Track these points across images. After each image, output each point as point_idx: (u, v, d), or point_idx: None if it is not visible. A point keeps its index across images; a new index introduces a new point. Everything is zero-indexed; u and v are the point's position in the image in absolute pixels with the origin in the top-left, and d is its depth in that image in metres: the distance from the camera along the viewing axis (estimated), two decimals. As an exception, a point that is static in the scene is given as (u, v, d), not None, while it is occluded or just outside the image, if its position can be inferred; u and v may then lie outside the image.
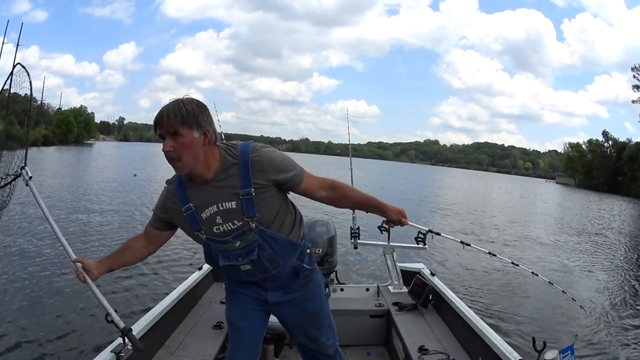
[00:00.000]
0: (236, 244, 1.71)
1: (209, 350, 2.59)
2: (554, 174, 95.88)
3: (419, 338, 2.77)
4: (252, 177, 1.65)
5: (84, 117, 66.73)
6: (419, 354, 2.60)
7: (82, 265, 1.92)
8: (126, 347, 2.07)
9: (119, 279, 6.70)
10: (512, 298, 6.72)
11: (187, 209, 1.71)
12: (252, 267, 1.77)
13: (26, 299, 5.80)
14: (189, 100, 1.61)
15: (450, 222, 15.67)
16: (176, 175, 1.73)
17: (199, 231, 1.73)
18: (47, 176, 18.70)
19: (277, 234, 1.74)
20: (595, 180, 59.85)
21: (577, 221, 20.08)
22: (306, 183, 1.78)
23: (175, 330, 2.80)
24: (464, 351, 2.64)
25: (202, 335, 2.79)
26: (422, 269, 3.73)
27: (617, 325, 6.06)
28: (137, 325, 2.38)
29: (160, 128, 1.57)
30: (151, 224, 1.89)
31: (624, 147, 58.19)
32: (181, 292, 3.04)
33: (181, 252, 8.57)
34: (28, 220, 11.70)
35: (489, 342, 2.39)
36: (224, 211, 1.68)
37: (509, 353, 2.22)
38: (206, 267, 3.72)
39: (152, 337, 2.46)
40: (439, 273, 3.95)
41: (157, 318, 2.58)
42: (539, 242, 13.01)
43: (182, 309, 3.02)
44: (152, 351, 2.47)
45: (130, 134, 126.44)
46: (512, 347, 2.28)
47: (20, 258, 7.81)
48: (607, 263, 10.91)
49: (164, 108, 1.57)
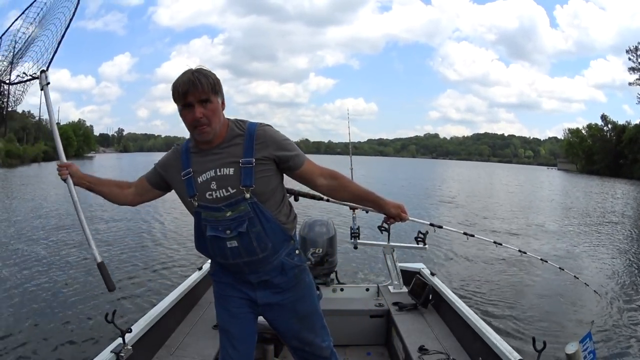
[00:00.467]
0: (227, 213, 1.69)
1: (209, 350, 2.58)
2: (556, 160, 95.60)
3: (419, 338, 2.76)
4: (254, 149, 1.70)
5: (82, 130, 66.97)
6: (419, 354, 2.59)
7: (69, 168, 1.93)
8: (126, 347, 2.08)
9: (120, 279, 6.76)
10: (522, 289, 6.67)
11: (186, 174, 1.75)
12: (239, 244, 1.73)
13: (26, 299, 5.86)
14: (206, 69, 1.69)
15: (454, 214, 15.65)
16: (186, 141, 1.81)
17: (192, 197, 1.74)
18: (51, 190, 18.77)
19: (269, 212, 1.74)
20: (596, 165, 59.85)
21: (581, 207, 20.10)
22: (307, 166, 1.80)
23: (175, 330, 2.80)
24: (464, 351, 2.63)
25: (202, 335, 2.79)
26: (422, 269, 3.71)
27: (631, 308, 6.04)
28: (137, 325, 2.39)
29: (192, 96, 1.63)
30: (147, 176, 1.92)
31: (623, 130, 58.18)
32: (181, 292, 3.05)
33: (181, 252, 8.62)
34: (27, 218, 11.87)
35: (489, 342, 2.38)
36: (220, 177, 1.69)
37: (509, 353, 2.21)
38: (206, 267, 3.70)
39: (152, 337, 2.47)
40: (440, 270, 3.94)
41: (157, 318, 2.58)
42: (545, 230, 13.01)
43: (182, 309, 3.02)
44: (152, 351, 2.47)
45: (130, 145, 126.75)
46: (511, 348, 2.27)
47: (20, 259, 7.92)
48: (614, 246, 10.94)
49: (190, 77, 1.63)
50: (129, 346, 2.11)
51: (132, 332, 2.22)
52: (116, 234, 10.33)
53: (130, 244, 9.32)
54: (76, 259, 7.87)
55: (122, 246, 9.11)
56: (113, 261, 7.77)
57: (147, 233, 10.60)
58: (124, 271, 7.24)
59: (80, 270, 7.15)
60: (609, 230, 13.49)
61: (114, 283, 1.93)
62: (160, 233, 10.60)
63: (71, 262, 7.65)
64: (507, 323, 5.27)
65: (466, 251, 8.78)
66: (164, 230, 10.98)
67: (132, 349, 2.11)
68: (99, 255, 1.91)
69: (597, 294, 5.45)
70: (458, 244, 9.06)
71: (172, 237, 10.20)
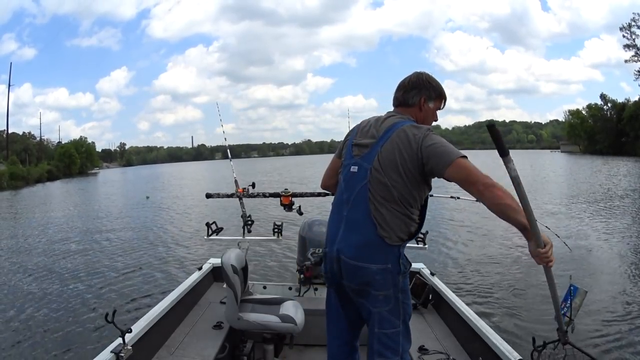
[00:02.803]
0: None
1: (209, 350, 2.60)
2: (558, 143, 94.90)
3: (419, 338, 2.72)
4: None
5: (84, 147, 66.88)
6: (419, 354, 2.60)
7: None
8: (126, 347, 2.10)
9: (120, 278, 6.85)
10: (522, 289, 6.56)
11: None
12: None
13: (27, 300, 5.96)
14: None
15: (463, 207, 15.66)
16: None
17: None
18: (59, 208, 18.89)
19: None
20: (599, 145, 59.33)
21: (588, 187, 20.02)
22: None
23: (175, 330, 2.83)
24: (464, 351, 2.64)
25: (202, 335, 2.81)
26: (422, 269, 3.72)
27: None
28: (137, 325, 2.42)
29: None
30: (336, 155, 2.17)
31: (623, 107, 57.59)
32: (181, 292, 3.09)
33: (181, 252, 8.69)
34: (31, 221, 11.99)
35: (489, 341, 2.39)
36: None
37: (508, 353, 2.23)
38: (206, 267, 3.78)
39: (152, 337, 2.49)
40: (440, 270, 3.89)
41: (157, 318, 2.61)
42: (552, 212, 13.04)
43: (182, 309, 3.05)
44: (152, 351, 2.49)
45: (133, 158, 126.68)
46: (511, 348, 2.28)
47: (19, 259, 8.04)
48: (621, 224, 11.01)
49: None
50: (129, 346, 2.13)
51: (132, 332, 2.24)
52: (116, 234, 10.44)
53: (130, 245, 9.42)
54: (76, 262, 8.05)
55: (123, 246, 9.21)
56: (113, 261, 7.89)
57: (147, 233, 10.70)
58: (124, 271, 7.37)
59: (80, 271, 7.28)
60: (616, 209, 13.53)
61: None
62: (161, 233, 10.68)
63: (70, 267, 7.80)
64: (507, 323, 5.25)
65: (466, 251, 8.78)
66: (164, 230, 11.07)
67: (132, 349, 2.13)
68: None
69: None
70: (458, 244, 9.13)
71: (173, 237, 10.28)
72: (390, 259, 1.84)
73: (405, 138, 1.84)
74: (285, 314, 2.78)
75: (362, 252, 1.85)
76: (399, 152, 1.83)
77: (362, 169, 1.91)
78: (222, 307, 3.12)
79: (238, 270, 2.83)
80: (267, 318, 2.77)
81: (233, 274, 2.75)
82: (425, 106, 1.98)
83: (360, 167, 1.92)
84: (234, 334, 2.97)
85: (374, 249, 1.84)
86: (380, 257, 1.84)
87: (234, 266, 2.78)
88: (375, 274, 1.84)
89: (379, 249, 1.84)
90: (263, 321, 2.76)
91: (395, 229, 1.84)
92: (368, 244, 1.85)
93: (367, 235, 1.85)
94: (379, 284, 1.85)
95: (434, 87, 1.98)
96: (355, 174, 1.93)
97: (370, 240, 1.84)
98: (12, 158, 47.73)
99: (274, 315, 2.78)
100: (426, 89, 1.97)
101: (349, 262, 1.88)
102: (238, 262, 2.88)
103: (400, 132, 1.86)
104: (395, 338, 1.88)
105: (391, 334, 1.88)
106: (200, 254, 8.12)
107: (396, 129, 1.88)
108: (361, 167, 1.92)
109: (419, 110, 1.98)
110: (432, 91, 1.98)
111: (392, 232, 1.84)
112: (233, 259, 2.83)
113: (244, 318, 2.75)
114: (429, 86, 1.97)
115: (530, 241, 1.63)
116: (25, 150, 59.94)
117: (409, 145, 1.82)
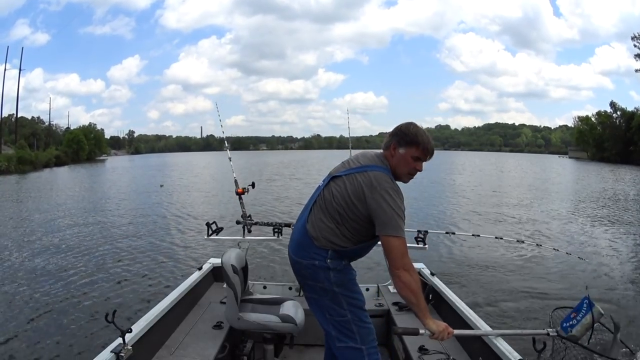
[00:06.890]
0: None
1: (209, 350, 2.61)
2: (567, 149, 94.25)
3: (419, 338, 2.63)
4: None
5: (93, 134, 67.12)
6: (419, 354, 2.60)
7: None
8: (126, 347, 2.11)
9: (120, 278, 6.86)
10: (522, 289, 6.59)
11: None
12: None
13: (27, 300, 5.97)
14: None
15: (465, 206, 15.72)
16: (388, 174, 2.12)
17: None
18: (71, 193, 19.00)
19: None
20: (607, 152, 58.96)
21: (595, 194, 19.97)
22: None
23: (175, 330, 2.83)
24: (464, 351, 2.64)
25: (202, 335, 2.81)
26: (422, 269, 3.72)
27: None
28: (137, 325, 2.42)
29: (430, 156, 2.12)
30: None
31: (632, 116, 57.16)
32: (181, 292, 3.09)
33: (181, 252, 8.71)
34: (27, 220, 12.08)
35: (489, 342, 2.39)
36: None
37: (508, 353, 2.23)
38: (206, 267, 3.78)
39: (152, 337, 2.50)
40: (440, 270, 3.88)
41: (157, 318, 2.62)
42: (558, 218, 13.06)
43: (182, 309, 3.06)
44: (152, 351, 2.50)
45: (142, 147, 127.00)
46: (511, 347, 2.28)
47: (19, 259, 8.09)
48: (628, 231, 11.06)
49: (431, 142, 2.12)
50: (129, 346, 2.13)
51: (132, 332, 2.25)
52: (117, 235, 10.47)
53: (131, 245, 9.43)
54: (77, 261, 8.05)
55: (123, 246, 9.23)
56: (113, 261, 7.93)
57: (147, 234, 10.70)
58: (124, 271, 7.36)
59: (81, 271, 7.31)
60: (623, 216, 13.53)
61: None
62: (161, 234, 10.70)
63: (72, 264, 7.82)
64: (507, 323, 5.25)
65: (466, 251, 8.77)
66: (164, 231, 11.08)
67: (132, 349, 2.14)
68: None
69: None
70: (458, 244, 9.09)
71: (173, 237, 10.30)
72: (317, 258, 2.11)
73: (367, 182, 2.05)
74: (285, 314, 2.79)
75: (297, 248, 2.19)
76: (355, 188, 2.06)
77: (325, 182, 2.22)
78: (222, 307, 3.13)
79: (238, 270, 2.85)
80: (267, 318, 2.78)
81: (233, 273, 2.77)
82: (395, 152, 2.13)
83: (325, 181, 2.22)
84: (234, 334, 2.98)
85: (304, 247, 2.15)
86: (307, 254, 2.14)
87: (234, 266, 2.80)
88: (307, 268, 2.15)
89: (307, 247, 2.14)
90: (263, 321, 2.78)
91: (326, 235, 2.11)
92: (300, 243, 2.18)
93: (302, 235, 2.18)
94: (312, 277, 2.15)
95: (406, 135, 2.11)
96: (320, 186, 2.24)
97: (302, 240, 2.17)
98: (20, 142, 47.99)
99: (274, 315, 2.79)
100: (397, 136, 2.13)
101: (291, 256, 2.23)
102: (238, 262, 2.90)
103: (366, 175, 2.08)
104: (346, 325, 2.15)
105: (341, 321, 2.16)
106: (199, 253, 8.17)
107: (367, 170, 2.09)
108: (326, 181, 2.22)
109: (390, 156, 2.14)
110: (402, 138, 2.11)
111: (321, 236, 2.11)
112: (233, 259, 2.84)
113: (244, 318, 2.77)
114: (401, 133, 2.13)
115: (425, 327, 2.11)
116: (33, 134, 60.21)
117: (365, 189, 2.04)
